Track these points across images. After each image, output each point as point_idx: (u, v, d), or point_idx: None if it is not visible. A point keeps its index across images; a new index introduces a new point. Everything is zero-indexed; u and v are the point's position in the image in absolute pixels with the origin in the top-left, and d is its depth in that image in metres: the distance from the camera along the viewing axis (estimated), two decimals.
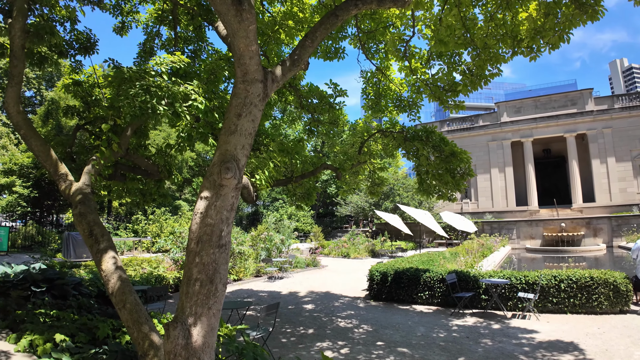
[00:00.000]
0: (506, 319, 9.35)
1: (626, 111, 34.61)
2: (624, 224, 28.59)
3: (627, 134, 34.41)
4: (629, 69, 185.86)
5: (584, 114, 35.88)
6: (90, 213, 5.71)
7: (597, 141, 35.41)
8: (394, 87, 8.91)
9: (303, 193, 10.30)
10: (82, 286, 10.33)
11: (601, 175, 34.91)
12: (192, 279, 3.95)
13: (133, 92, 7.01)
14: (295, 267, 19.72)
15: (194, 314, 3.93)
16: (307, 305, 11.43)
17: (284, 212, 40.27)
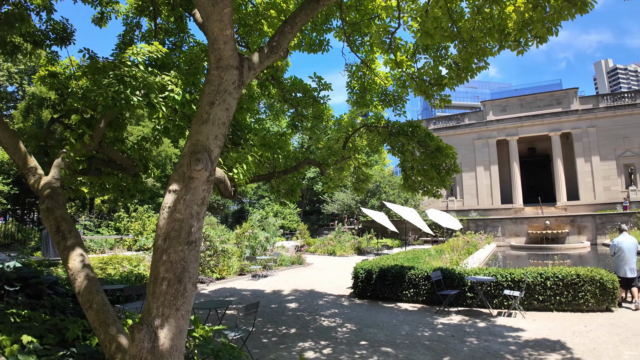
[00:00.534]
0: (492, 317, 9.24)
1: (611, 110, 35.05)
2: (608, 222, 28.95)
3: (612, 133, 34.87)
4: (614, 69, 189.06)
5: (569, 113, 36.28)
6: (58, 208, 5.40)
7: (582, 140, 35.84)
8: (379, 81, 8.70)
9: (287, 189, 10.04)
10: (58, 285, 9.96)
11: (585, 174, 35.35)
12: (159, 278, 3.69)
13: (106, 82, 6.70)
14: (280, 265, 19.47)
15: (160, 316, 3.68)
16: (290, 304, 11.20)
17: (270, 209, 39.94)
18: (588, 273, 9.28)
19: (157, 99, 7.23)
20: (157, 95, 7.30)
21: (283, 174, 8.20)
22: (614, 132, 34.82)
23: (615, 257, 10.35)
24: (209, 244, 16.88)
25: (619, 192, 34.02)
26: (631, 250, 10.20)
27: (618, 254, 10.24)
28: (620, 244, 10.30)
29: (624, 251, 10.10)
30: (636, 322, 8.29)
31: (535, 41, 6.93)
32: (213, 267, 16.54)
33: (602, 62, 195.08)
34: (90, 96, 7.30)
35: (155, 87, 7.31)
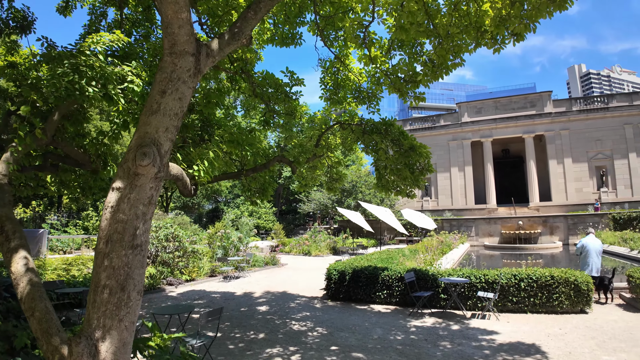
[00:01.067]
0: (466, 319, 9.11)
1: (583, 114, 35.94)
2: (579, 222, 29.61)
3: (584, 136, 35.75)
4: (587, 74, 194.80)
5: (543, 116, 37.01)
6: (2, 206, 4.93)
7: (555, 142, 36.62)
8: (353, 77, 8.44)
9: (258, 188, 9.69)
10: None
11: (558, 175, 36.13)
12: (100, 285, 3.31)
13: (60, 72, 6.22)
14: (253, 265, 19.04)
15: (102, 327, 3.30)
16: (261, 306, 10.83)
17: (244, 209, 39.33)
18: (562, 274, 9.24)
19: (115, 91, 6.78)
20: (115, 86, 6.86)
21: (252, 172, 7.84)
22: (586, 134, 35.70)
23: (581, 256, 10.84)
24: (178, 245, 16.31)
25: (591, 193, 34.90)
26: (596, 251, 10.73)
27: (584, 254, 10.75)
28: (587, 245, 10.83)
29: (590, 251, 10.67)
30: (611, 325, 8.23)
31: (512, 39, 6.79)
32: (182, 269, 16.00)
33: (575, 67, 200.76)
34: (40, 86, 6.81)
35: (113, 78, 6.86)
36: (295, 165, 8.34)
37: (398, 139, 7.76)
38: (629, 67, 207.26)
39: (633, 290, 9.69)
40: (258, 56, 9.47)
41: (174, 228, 16.74)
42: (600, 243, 11.04)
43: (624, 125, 34.80)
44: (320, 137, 8.86)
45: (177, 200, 54.42)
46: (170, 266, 15.76)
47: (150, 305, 11.40)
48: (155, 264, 15.33)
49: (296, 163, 8.24)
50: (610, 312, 9.43)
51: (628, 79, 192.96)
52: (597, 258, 10.72)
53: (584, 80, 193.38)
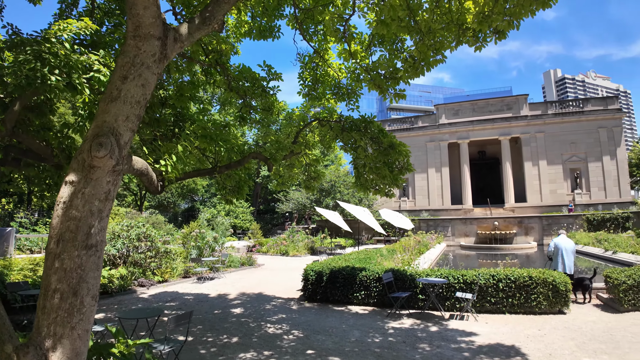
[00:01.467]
0: (444, 320, 9.01)
1: (559, 117, 36.79)
2: (554, 223, 30.21)
3: (559, 139, 36.60)
4: (562, 79, 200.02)
5: (519, 119, 37.72)
6: None
7: (530, 144, 37.37)
8: (333, 73, 8.22)
9: (233, 186, 9.35)
10: None
11: (533, 177, 36.89)
12: (50, 289, 2.99)
13: (22, 59, 5.81)
14: (229, 266, 18.62)
15: (52, 336, 2.98)
16: (235, 309, 10.50)
17: (221, 208, 38.68)
18: (540, 275, 9.24)
19: (80, 80, 6.38)
20: (80, 75, 6.46)
21: (226, 168, 7.52)
22: (561, 137, 36.56)
23: (554, 256, 10.98)
24: (150, 245, 15.78)
25: (565, 195, 35.75)
26: (568, 250, 10.87)
27: (556, 253, 10.90)
28: (558, 244, 11.00)
29: (561, 250, 10.82)
30: (590, 326, 8.22)
31: (494, 37, 6.70)
32: (155, 270, 15.48)
33: (551, 71, 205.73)
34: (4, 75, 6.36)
35: (79, 67, 6.46)
36: (271, 163, 8.05)
37: (377, 137, 7.58)
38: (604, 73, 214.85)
39: (611, 291, 9.76)
40: (235, 49, 9.16)
41: (146, 227, 16.20)
42: (572, 242, 11.17)
43: (599, 129, 35.73)
44: (298, 133, 8.60)
45: (152, 199, 53.21)
46: (142, 267, 15.23)
47: (120, 307, 10.93)
48: (127, 264, 14.79)
49: (272, 160, 7.95)
50: (588, 312, 9.44)
51: (602, 84, 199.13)
52: (569, 257, 10.86)
53: (559, 85, 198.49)
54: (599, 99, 37.95)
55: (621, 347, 6.78)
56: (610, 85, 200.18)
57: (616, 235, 21.62)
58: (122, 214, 38.39)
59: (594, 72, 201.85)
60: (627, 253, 16.88)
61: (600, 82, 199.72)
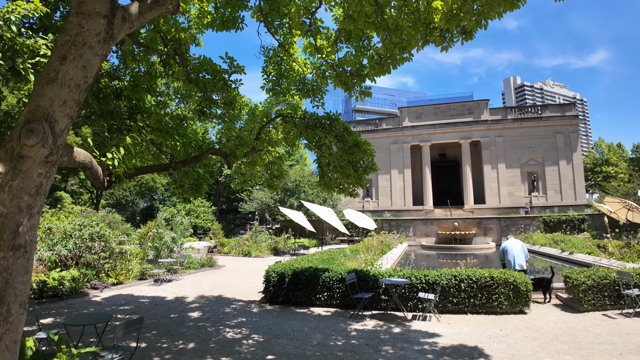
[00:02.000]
0: (407, 321, 8.94)
1: (518, 122, 38.20)
2: (512, 224, 31.25)
3: (518, 143, 38.01)
4: (521, 86, 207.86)
5: (479, 123, 38.86)
6: None
7: (490, 148, 38.57)
8: (298, 68, 7.98)
9: (191, 184, 8.93)
10: None
11: (492, 180, 38.11)
12: None
13: None
14: (188, 268, 17.99)
15: None
16: (193, 312, 10.05)
17: (181, 207, 37.55)
18: (502, 275, 9.35)
19: (24, 65, 5.87)
20: (25, 60, 5.95)
21: (182, 165, 7.12)
22: (520, 142, 37.98)
23: (505, 258, 11.25)
24: (104, 245, 14.98)
25: (523, 197, 37.16)
26: (517, 249, 11.17)
27: (506, 254, 11.24)
28: (507, 246, 11.39)
29: (509, 250, 11.18)
30: (552, 326, 8.33)
31: (460, 38, 6.68)
32: (109, 271, 14.71)
33: (510, 79, 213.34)
34: None
35: (24, 51, 5.94)
36: (231, 159, 7.70)
37: (342, 135, 7.41)
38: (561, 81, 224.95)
39: (570, 291, 9.99)
40: (197, 41, 8.75)
41: (100, 227, 15.37)
42: (520, 242, 11.45)
43: (556, 134, 37.35)
44: (261, 130, 8.30)
45: (109, 198, 51.08)
46: (95, 268, 14.44)
47: (71, 311, 10.27)
48: (79, 265, 13.97)
49: (232, 157, 7.60)
50: (548, 312, 9.60)
51: (560, 92, 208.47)
52: (519, 255, 11.09)
53: (518, 92, 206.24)
54: (556, 105, 39.68)
55: (584, 348, 6.86)
56: (567, 93, 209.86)
57: (572, 237, 22.51)
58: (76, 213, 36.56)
59: (552, 80, 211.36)
60: (583, 254, 17.54)
61: (557, 90, 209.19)
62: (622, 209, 20.51)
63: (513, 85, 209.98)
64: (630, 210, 20.02)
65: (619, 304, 9.41)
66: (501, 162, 38.17)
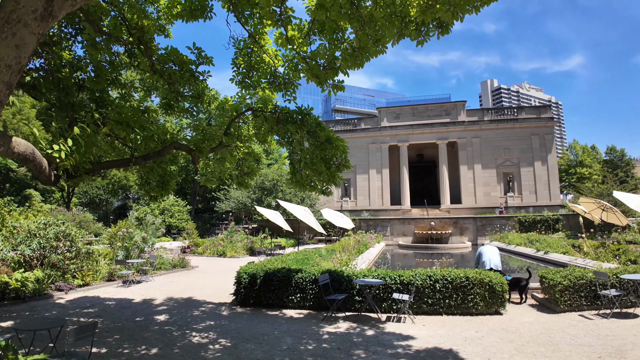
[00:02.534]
0: (381, 323, 8.72)
1: (494, 123, 38.76)
2: (487, 224, 31.60)
3: (494, 144, 38.56)
4: (498, 89, 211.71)
5: (456, 124, 39.28)
6: None
7: (466, 149, 39.01)
8: (269, 60, 7.67)
9: (158, 181, 8.53)
10: None
11: (468, 180, 38.54)
12: None
13: None
14: (159, 268, 17.43)
15: None
16: (159, 315, 9.62)
17: (155, 206, 36.64)
18: (477, 276, 9.22)
19: None
20: None
21: (143, 159, 6.72)
22: (496, 143, 38.54)
23: (480, 260, 11.23)
24: (70, 245, 14.33)
25: (498, 197, 37.70)
26: (492, 251, 11.23)
27: (482, 257, 11.22)
28: (481, 250, 11.50)
29: (484, 253, 11.25)
30: (528, 327, 8.22)
31: (437, 32, 6.53)
32: (75, 272, 14.08)
33: (488, 81, 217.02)
34: None
35: None
36: (196, 155, 7.31)
37: (314, 131, 7.13)
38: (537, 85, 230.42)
39: (547, 291, 9.94)
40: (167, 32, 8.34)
41: (66, 225, 14.71)
42: (494, 247, 11.59)
43: (531, 136, 38.03)
44: (230, 124, 7.94)
45: (82, 196, 49.55)
46: (60, 269, 13.81)
47: (32, 314, 9.71)
48: (44, 266, 13.32)
49: (198, 152, 7.22)
50: (524, 313, 9.50)
51: (536, 95, 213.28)
52: (494, 256, 11.14)
53: (495, 94, 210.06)
54: (532, 107, 40.41)
55: (561, 350, 6.74)
56: (543, 96, 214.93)
57: (547, 236, 22.80)
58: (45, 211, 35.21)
59: (528, 84, 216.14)
60: (558, 253, 17.72)
61: (533, 93, 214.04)
62: (597, 209, 20.89)
63: (490, 87, 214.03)
64: (605, 210, 20.39)
65: (595, 304, 9.40)
66: (477, 162, 38.65)
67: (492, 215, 33.46)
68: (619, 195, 17.68)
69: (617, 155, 63.50)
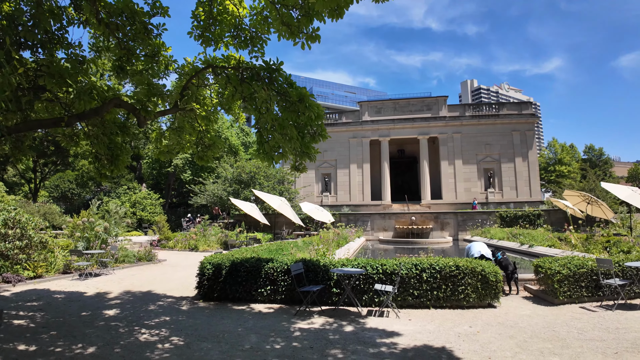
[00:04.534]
0: (361, 318, 7.70)
1: (475, 119, 38.41)
2: (468, 219, 31.09)
3: (475, 140, 38.23)
4: (478, 89, 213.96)
5: (438, 119, 38.83)
6: None
7: (447, 144, 38.62)
8: (232, 8, 6.56)
9: (107, 155, 7.35)
10: None
11: (449, 176, 38.16)
12: None
13: None
14: (123, 261, 16.14)
15: None
16: (109, 310, 8.42)
17: (126, 199, 34.90)
18: (468, 265, 8.31)
19: None
20: None
21: (78, 119, 5.56)
22: (477, 139, 38.24)
23: (469, 253, 10.85)
24: (20, 233, 12.94)
25: (479, 193, 37.44)
26: (481, 245, 10.90)
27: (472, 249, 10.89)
28: (471, 245, 11.25)
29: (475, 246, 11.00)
30: (527, 321, 7.34)
31: None
32: (25, 263, 12.71)
33: (468, 81, 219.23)
34: None
35: None
36: (142, 115, 6.14)
37: (285, 92, 6.07)
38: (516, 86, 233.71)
39: (543, 282, 9.11)
40: None
41: (16, 212, 13.30)
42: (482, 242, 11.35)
43: (512, 132, 37.89)
44: (188, 83, 6.80)
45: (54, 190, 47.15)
46: (9, 259, 12.44)
47: None
48: None
49: (143, 111, 6.04)
50: (519, 305, 8.65)
51: (514, 95, 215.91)
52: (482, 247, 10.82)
53: (474, 94, 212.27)
54: (514, 103, 40.22)
55: (571, 346, 5.86)
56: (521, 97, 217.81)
57: (531, 230, 22.26)
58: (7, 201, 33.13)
59: (507, 84, 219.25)
60: (543, 247, 17.11)
61: (512, 94, 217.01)
62: (582, 203, 20.38)
63: (470, 87, 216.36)
64: (590, 203, 19.88)
65: (597, 295, 8.62)
66: (458, 158, 38.33)
67: (473, 210, 33.08)
68: (607, 187, 17.15)
69: (595, 154, 64.32)
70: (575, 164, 58.98)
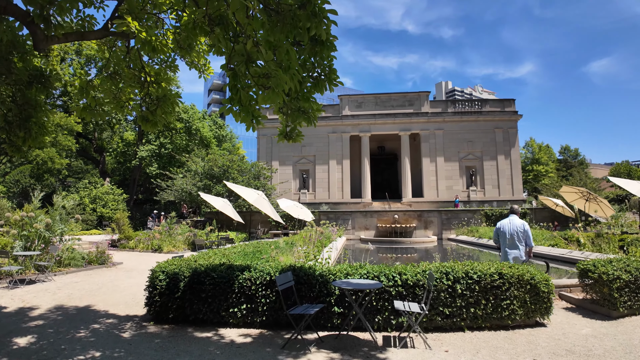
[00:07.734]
0: (378, 351, 5.47)
1: (458, 116, 37.37)
2: (453, 217, 29.60)
3: (457, 137, 37.16)
4: (452, 90, 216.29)
5: (420, 115, 37.65)
6: None
7: (429, 141, 37.47)
8: None
9: (17, 117, 5.00)
10: None
11: (430, 173, 36.99)
12: None
13: None
14: (69, 265, 13.53)
15: None
16: (22, 337, 5.98)
17: (85, 194, 31.68)
18: (514, 271, 6.30)
19: None
20: None
21: None
22: (459, 136, 37.19)
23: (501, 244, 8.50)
24: None
25: (461, 191, 36.42)
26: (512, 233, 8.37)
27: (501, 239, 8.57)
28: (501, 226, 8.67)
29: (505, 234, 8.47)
30: (598, 344, 5.41)
31: None
32: None
33: (442, 83, 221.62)
34: None
35: None
36: (38, 29, 3.71)
37: None
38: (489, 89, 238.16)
39: (595, 289, 7.18)
40: None
41: None
42: (521, 222, 8.51)
43: (495, 129, 37.00)
44: None
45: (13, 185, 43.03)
46: None
47: None
48: None
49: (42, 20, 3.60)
50: (569, 321, 6.74)
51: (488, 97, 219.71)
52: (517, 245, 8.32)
53: (449, 96, 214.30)
54: (496, 100, 39.18)
55: None
56: None
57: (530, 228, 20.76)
58: None
59: (480, 87, 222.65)
60: (545, 246, 15.59)
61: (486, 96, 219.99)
62: (580, 199, 18.95)
63: (444, 89, 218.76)
64: (589, 200, 18.46)
65: None
66: (440, 155, 37.27)
67: (457, 209, 31.74)
68: (616, 181, 15.62)
69: (571, 154, 64.48)
70: (552, 164, 58.82)
